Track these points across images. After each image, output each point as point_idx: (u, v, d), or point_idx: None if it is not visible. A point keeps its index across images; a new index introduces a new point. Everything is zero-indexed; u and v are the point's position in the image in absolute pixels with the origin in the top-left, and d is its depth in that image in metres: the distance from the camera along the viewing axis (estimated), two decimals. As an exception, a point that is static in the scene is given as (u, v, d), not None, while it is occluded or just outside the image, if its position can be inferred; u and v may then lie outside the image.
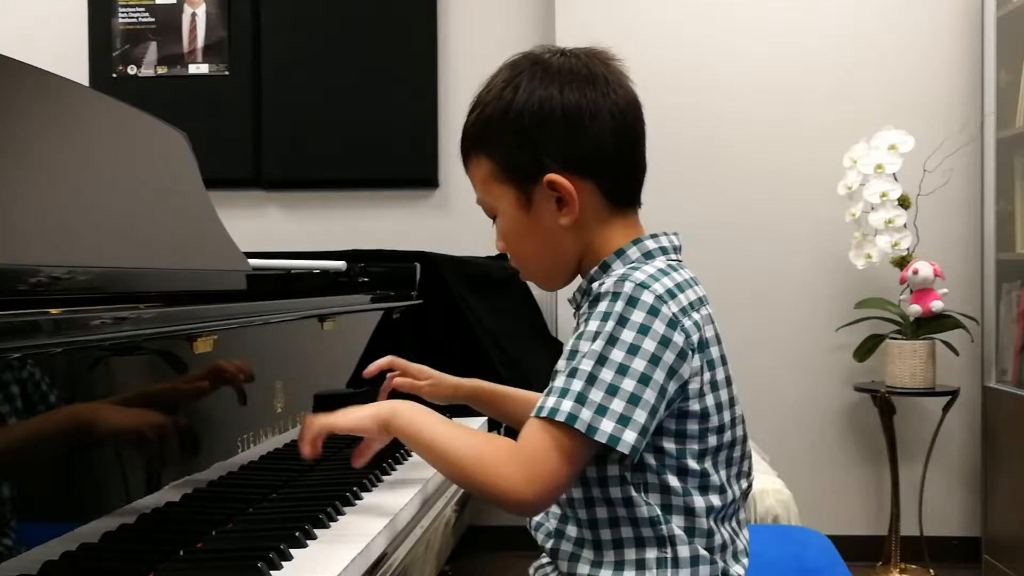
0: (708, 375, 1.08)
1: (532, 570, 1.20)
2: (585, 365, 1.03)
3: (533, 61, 1.16)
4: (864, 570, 3.12)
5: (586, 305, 1.10)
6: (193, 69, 3.67)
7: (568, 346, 1.07)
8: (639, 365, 1.02)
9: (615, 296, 1.05)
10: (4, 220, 1.06)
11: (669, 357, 1.03)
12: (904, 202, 3.06)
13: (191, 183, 1.61)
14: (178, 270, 1.36)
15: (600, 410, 1.01)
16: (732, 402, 1.12)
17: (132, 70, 3.67)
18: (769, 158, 3.37)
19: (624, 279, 1.06)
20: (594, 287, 1.08)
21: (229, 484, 1.29)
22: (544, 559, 1.18)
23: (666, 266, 1.11)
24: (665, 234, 1.17)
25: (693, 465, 1.08)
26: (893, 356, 3.07)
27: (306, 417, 1.28)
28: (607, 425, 1.00)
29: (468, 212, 3.60)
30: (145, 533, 1.07)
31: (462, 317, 2.60)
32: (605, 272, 1.13)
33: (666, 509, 1.07)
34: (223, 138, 3.55)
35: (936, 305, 3.01)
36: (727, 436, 1.11)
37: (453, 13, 3.64)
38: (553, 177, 1.12)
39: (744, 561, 1.14)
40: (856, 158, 3.09)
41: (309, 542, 1.16)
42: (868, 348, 3.18)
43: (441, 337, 2.46)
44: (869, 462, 3.36)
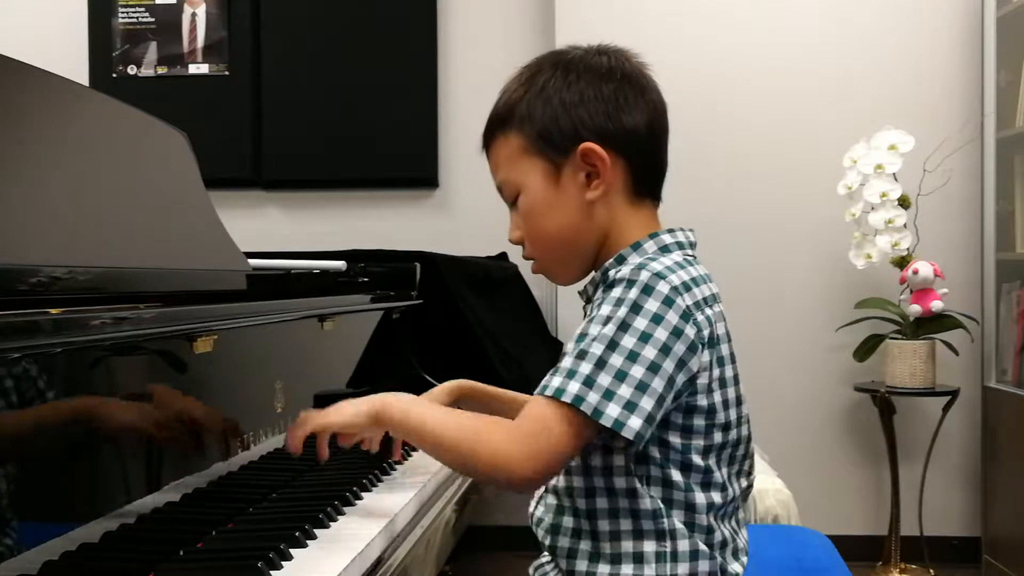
0: (717, 371, 1.08)
1: (532, 570, 1.20)
2: (595, 349, 1.02)
3: (561, 55, 1.18)
4: (864, 570, 3.12)
5: (600, 292, 1.10)
6: (193, 69, 3.66)
7: (578, 329, 1.07)
8: (649, 353, 1.02)
9: (630, 283, 1.05)
10: (4, 220, 1.06)
11: (680, 348, 1.03)
12: (904, 202, 3.06)
13: (191, 183, 1.61)
14: (178, 270, 1.36)
15: (607, 394, 1.01)
16: (739, 400, 1.12)
17: (132, 70, 3.67)
18: (769, 158, 3.36)
19: (641, 268, 1.06)
20: (610, 274, 1.08)
21: (229, 484, 1.30)
22: (544, 558, 1.18)
23: (683, 259, 1.11)
24: (682, 229, 1.17)
25: (697, 461, 1.08)
26: (893, 356, 3.07)
27: (300, 414, 1.28)
28: (613, 410, 1.00)
29: (468, 212, 3.66)
30: (145, 533, 1.07)
31: (462, 317, 2.60)
32: (621, 264, 1.13)
33: (667, 503, 1.08)
34: (223, 138, 3.55)
35: (936, 305, 3.01)
36: (732, 434, 1.11)
37: (453, 13, 3.64)
38: (590, 145, 1.13)
39: (743, 560, 1.14)
40: (856, 158, 3.09)
41: (309, 542, 1.16)
42: (868, 348, 3.18)
43: (441, 337, 2.46)
44: (869, 462, 3.36)
